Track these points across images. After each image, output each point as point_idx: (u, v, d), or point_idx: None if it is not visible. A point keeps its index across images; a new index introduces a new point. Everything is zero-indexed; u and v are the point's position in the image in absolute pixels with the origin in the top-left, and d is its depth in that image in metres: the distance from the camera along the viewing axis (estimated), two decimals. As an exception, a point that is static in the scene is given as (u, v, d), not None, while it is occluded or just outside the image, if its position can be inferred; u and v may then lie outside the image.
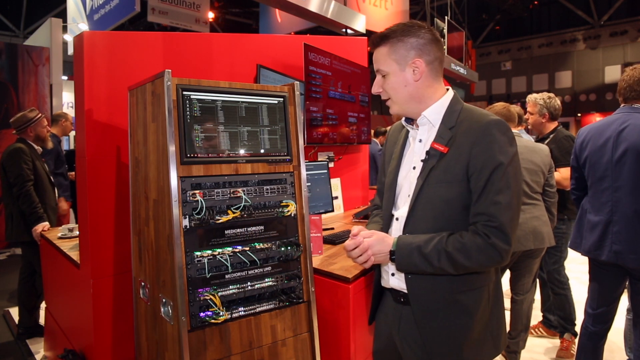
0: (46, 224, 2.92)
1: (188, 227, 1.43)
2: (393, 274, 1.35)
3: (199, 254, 1.45)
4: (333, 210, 2.74)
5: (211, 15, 9.58)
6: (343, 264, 1.81)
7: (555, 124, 3.07)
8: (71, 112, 6.75)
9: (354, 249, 1.25)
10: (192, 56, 2.25)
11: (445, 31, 9.32)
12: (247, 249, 1.55)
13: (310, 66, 2.67)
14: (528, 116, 3.13)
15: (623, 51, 17.24)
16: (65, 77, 7.99)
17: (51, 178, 3.34)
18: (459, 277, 1.24)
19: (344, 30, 6.62)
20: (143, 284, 1.68)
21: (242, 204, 1.55)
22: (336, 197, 3.07)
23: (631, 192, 1.99)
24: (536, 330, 3.19)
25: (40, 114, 3.28)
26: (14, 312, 3.49)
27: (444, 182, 1.22)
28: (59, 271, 2.45)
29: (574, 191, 2.35)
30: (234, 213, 1.52)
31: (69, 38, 8.78)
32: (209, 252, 1.47)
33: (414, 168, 1.31)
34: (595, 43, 17.80)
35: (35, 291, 3.13)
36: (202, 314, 1.43)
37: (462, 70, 10.04)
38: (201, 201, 1.46)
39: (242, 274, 1.53)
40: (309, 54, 2.66)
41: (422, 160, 1.28)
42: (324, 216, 2.60)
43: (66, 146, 7.44)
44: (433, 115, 1.29)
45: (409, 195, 1.29)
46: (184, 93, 1.47)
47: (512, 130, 2.54)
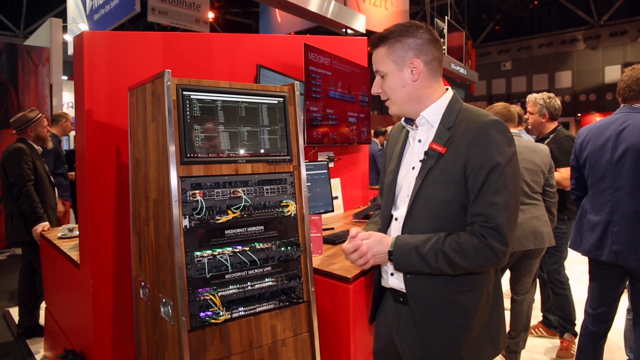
0: (46, 224, 2.93)
1: (188, 227, 1.43)
2: (392, 274, 1.35)
3: (199, 254, 1.45)
4: (333, 210, 2.74)
5: (211, 15, 9.58)
6: (343, 264, 1.81)
7: (555, 124, 3.07)
8: (71, 112, 6.75)
9: (352, 252, 1.26)
10: (192, 56, 2.25)
11: (445, 31, 9.32)
12: (247, 249, 1.55)
13: (310, 66, 2.67)
14: (528, 116, 3.13)
15: (623, 51, 17.23)
16: (65, 77, 7.99)
17: (51, 178, 3.34)
18: (457, 277, 1.24)
19: (344, 30, 6.63)
20: (143, 284, 1.68)
21: (242, 204, 1.55)
22: (336, 197, 3.07)
23: (631, 192, 1.99)
24: (536, 330, 3.19)
25: (40, 114, 3.29)
26: (14, 312, 3.49)
27: (442, 182, 1.22)
28: (59, 271, 2.45)
29: (574, 191, 2.35)
30: (234, 213, 1.52)
31: (69, 38, 8.78)
32: (209, 252, 1.47)
33: (413, 168, 1.31)
34: (595, 43, 17.80)
35: (35, 291, 3.13)
36: (202, 314, 1.43)
37: (462, 70, 10.03)
38: (201, 201, 1.46)
39: (242, 274, 1.53)
40: (309, 54, 2.66)
41: (420, 161, 1.28)
42: (324, 216, 2.60)
43: (66, 146, 7.43)
44: (432, 115, 1.29)
45: (408, 196, 1.29)
46: (184, 93, 1.47)
47: (512, 130, 2.57)
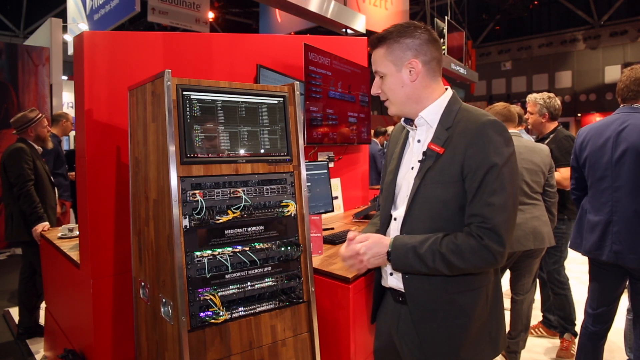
0: (46, 224, 2.93)
1: (188, 227, 1.43)
2: (391, 274, 1.35)
3: (199, 254, 1.45)
4: (333, 210, 2.74)
5: (211, 15, 9.58)
6: (343, 264, 1.81)
7: (555, 124, 3.07)
8: (71, 112, 6.75)
9: (349, 256, 1.28)
10: (192, 56, 2.25)
11: (445, 31, 9.32)
12: (247, 249, 1.55)
13: (310, 66, 2.67)
14: (528, 116, 3.13)
15: (623, 51, 17.23)
16: (65, 77, 7.99)
17: (51, 178, 3.35)
18: (455, 278, 1.24)
19: (344, 30, 6.63)
20: (143, 284, 1.68)
21: (242, 204, 1.55)
22: (336, 197, 3.07)
23: (631, 192, 1.99)
24: (536, 330, 3.19)
25: (40, 114, 3.29)
26: (14, 312, 3.49)
27: (440, 182, 1.22)
28: (59, 271, 2.45)
29: (574, 191, 2.35)
30: (234, 213, 1.52)
31: (69, 38, 8.78)
32: (209, 252, 1.47)
33: (412, 168, 1.31)
34: (595, 43, 17.80)
35: (35, 291, 3.13)
36: (202, 314, 1.43)
37: (462, 70, 10.03)
38: (201, 201, 1.46)
39: (242, 274, 1.53)
40: (309, 54, 2.66)
41: (419, 161, 1.28)
42: (324, 216, 2.60)
43: (66, 146, 7.44)
44: (430, 115, 1.29)
45: (407, 196, 1.29)
46: (184, 93, 1.47)
47: (513, 130, 2.57)
